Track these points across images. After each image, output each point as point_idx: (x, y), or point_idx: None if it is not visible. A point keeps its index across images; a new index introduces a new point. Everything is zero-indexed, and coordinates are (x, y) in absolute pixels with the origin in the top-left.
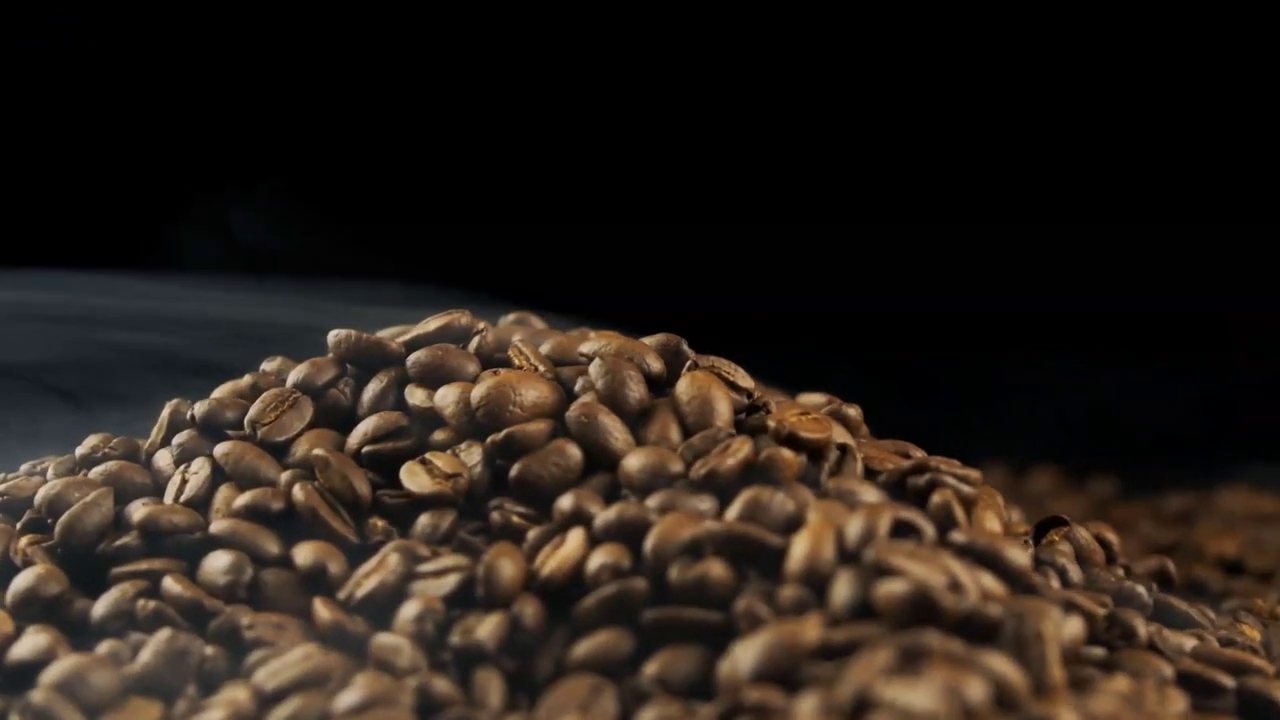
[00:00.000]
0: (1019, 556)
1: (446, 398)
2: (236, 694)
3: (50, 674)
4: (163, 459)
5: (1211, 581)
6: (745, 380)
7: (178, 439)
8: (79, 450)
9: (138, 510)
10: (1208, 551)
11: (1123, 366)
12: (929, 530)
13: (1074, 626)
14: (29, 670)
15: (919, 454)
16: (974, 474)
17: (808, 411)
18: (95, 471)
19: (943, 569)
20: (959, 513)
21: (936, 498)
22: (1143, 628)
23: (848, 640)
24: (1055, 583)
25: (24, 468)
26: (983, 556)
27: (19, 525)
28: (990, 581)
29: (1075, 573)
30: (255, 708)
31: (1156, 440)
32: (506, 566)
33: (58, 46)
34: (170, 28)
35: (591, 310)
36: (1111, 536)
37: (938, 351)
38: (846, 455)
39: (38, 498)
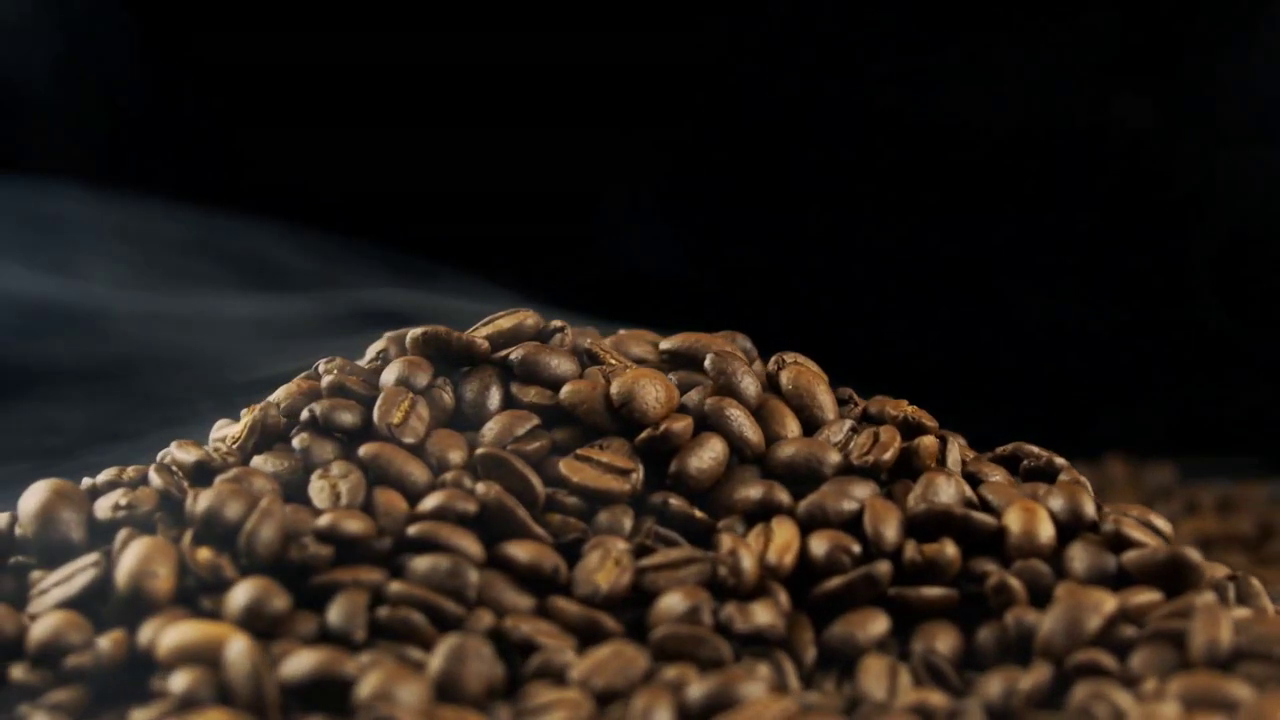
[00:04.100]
0: (1166, 525)
1: (577, 394)
2: (566, 694)
3: (366, 688)
4: (270, 464)
5: None
6: (822, 375)
7: (298, 442)
8: (182, 457)
9: (321, 518)
10: None
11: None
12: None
13: None
14: (321, 687)
15: (961, 440)
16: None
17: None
18: (225, 479)
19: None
20: (1090, 491)
21: (1065, 477)
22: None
23: (1139, 605)
24: None
25: (105, 476)
26: (1144, 526)
27: (187, 537)
28: None
29: None
30: (593, 707)
31: None
32: (748, 556)
33: None
34: None
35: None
36: None
37: None
38: (949, 442)
39: (198, 509)
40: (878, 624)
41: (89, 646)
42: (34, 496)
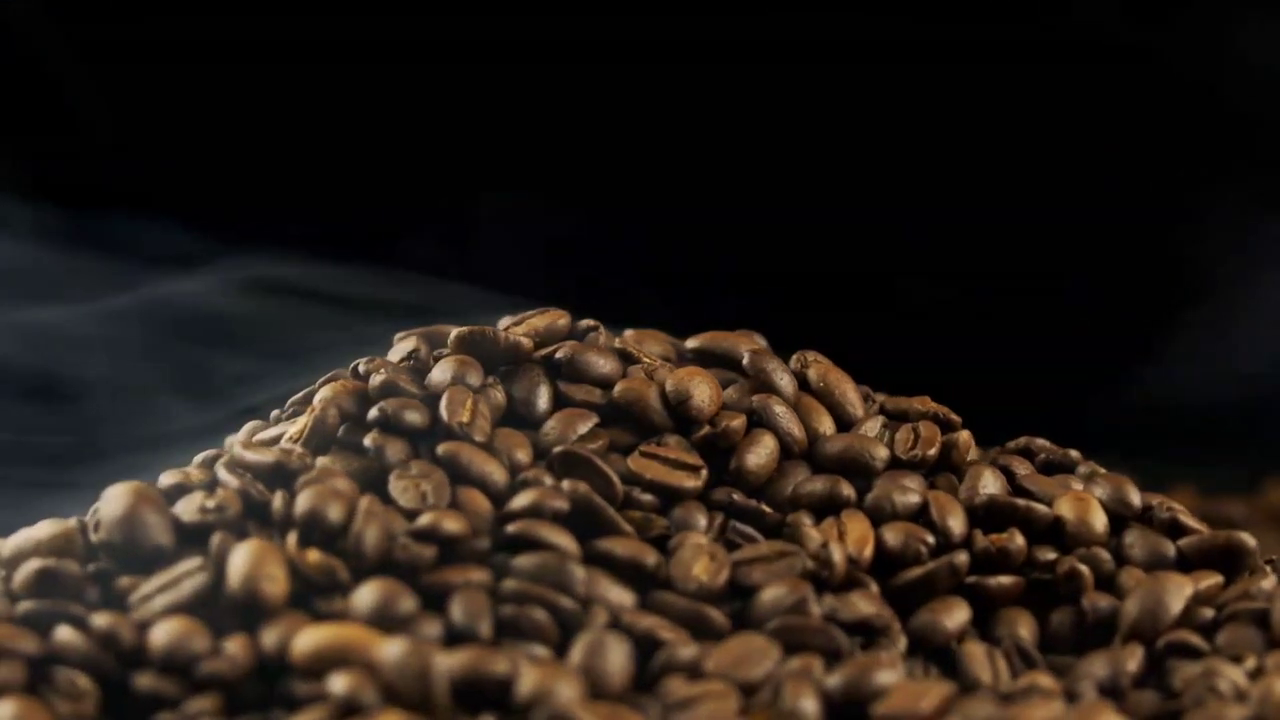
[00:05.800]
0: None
1: (632, 392)
2: (710, 686)
3: (527, 685)
4: (339, 465)
5: None
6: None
7: (370, 441)
8: (254, 458)
9: (422, 518)
10: None
11: None
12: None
13: None
14: (473, 685)
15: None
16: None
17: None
18: (310, 480)
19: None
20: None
21: (1084, 469)
22: None
23: (1209, 586)
24: None
25: (168, 478)
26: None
27: (291, 539)
28: None
29: None
30: (742, 699)
31: None
32: (838, 548)
33: None
34: None
35: None
36: None
37: None
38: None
39: (298, 511)
40: (961, 612)
41: (216, 652)
42: (117, 500)
